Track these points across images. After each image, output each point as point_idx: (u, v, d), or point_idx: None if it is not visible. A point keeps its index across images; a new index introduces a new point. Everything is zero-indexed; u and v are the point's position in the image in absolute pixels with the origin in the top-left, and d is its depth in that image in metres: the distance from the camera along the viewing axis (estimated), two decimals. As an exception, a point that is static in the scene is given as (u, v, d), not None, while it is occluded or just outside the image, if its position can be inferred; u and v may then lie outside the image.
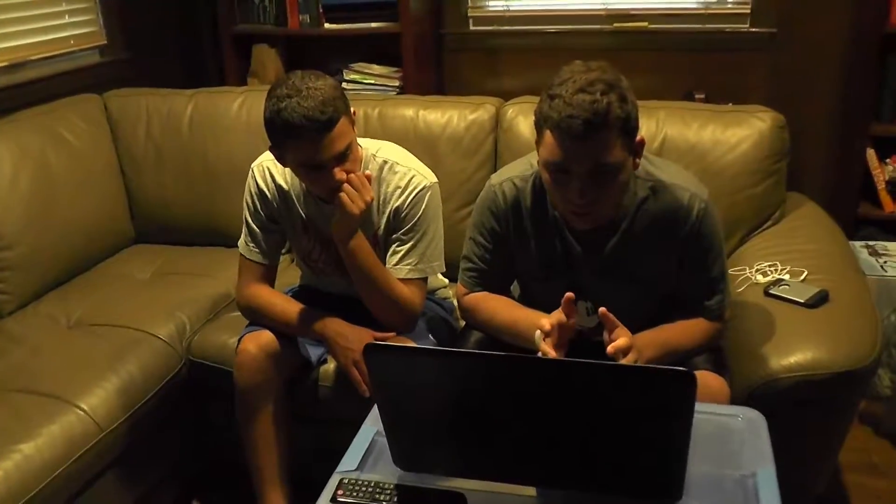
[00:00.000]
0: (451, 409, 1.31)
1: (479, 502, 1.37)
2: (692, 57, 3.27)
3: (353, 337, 2.02)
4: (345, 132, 1.83)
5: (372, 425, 1.56)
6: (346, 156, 1.85)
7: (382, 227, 2.06)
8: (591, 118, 1.50)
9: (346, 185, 1.86)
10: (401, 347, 1.42)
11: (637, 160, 1.67)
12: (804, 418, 1.83)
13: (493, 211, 1.86)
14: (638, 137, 1.64)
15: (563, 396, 1.22)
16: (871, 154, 2.97)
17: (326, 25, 3.37)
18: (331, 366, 2.18)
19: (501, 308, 1.90)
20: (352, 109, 1.90)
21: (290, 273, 2.52)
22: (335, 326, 2.04)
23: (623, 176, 1.62)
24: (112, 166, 2.94)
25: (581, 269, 1.82)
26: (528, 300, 1.95)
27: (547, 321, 1.64)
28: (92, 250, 2.82)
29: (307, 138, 1.79)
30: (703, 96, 3.16)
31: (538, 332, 1.67)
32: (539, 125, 1.62)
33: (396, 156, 2.06)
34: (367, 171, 1.98)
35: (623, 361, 1.58)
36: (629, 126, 1.57)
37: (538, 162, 1.68)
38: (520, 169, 1.86)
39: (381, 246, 2.07)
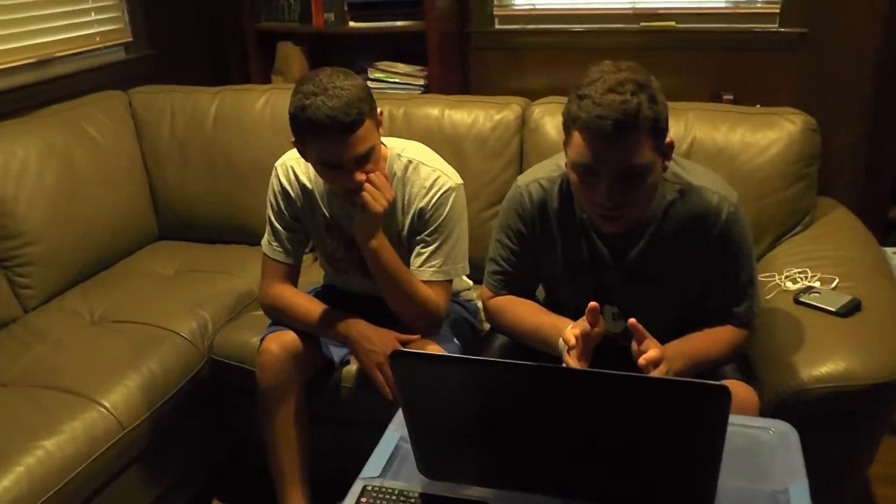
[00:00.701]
0: (476, 417, 1.29)
1: (505, 512, 1.35)
2: (720, 57, 3.23)
3: (377, 339, 2.00)
4: (368, 135, 1.81)
5: (396, 431, 1.55)
6: (367, 158, 1.84)
7: (406, 227, 2.04)
8: (620, 118, 1.48)
9: (367, 184, 1.84)
10: (427, 355, 1.40)
11: (666, 162, 1.64)
12: (835, 430, 1.80)
13: (520, 213, 1.84)
14: (668, 139, 1.61)
15: (591, 408, 1.20)
16: (903, 157, 2.93)
17: (351, 23, 3.35)
18: (353, 367, 2.17)
19: (526, 313, 1.87)
20: (378, 110, 1.88)
21: (312, 272, 2.51)
22: (359, 328, 2.03)
23: (652, 178, 1.59)
24: (136, 163, 2.94)
25: (607, 272, 1.80)
26: (553, 303, 1.92)
27: (571, 333, 1.61)
28: (115, 246, 2.83)
29: (329, 138, 1.78)
30: (731, 97, 3.12)
31: (561, 340, 1.65)
32: (567, 126, 1.59)
33: (422, 156, 2.04)
34: (387, 170, 1.96)
35: (653, 374, 1.55)
36: (659, 127, 1.54)
37: (566, 164, 1.66)
38: (547, 170, 1.84)
39: (405, 247, 2.06)
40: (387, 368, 1.98)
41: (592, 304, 1.58)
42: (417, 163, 2.02)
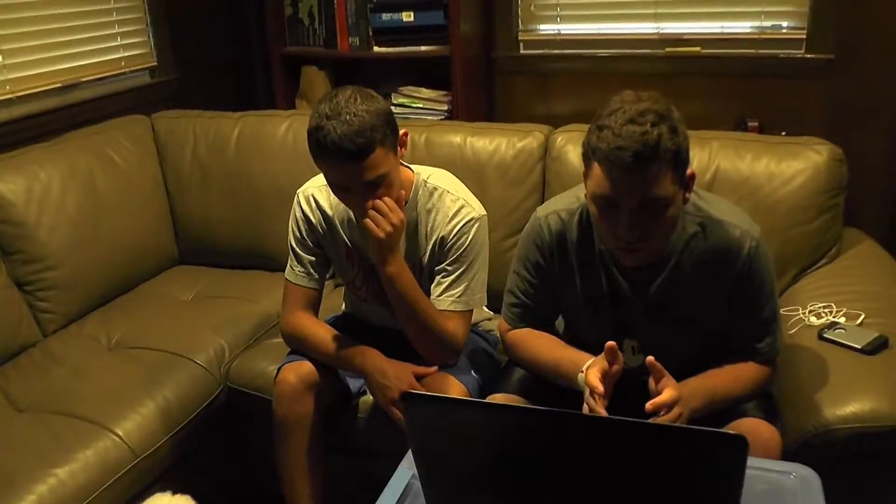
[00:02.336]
0: (488, 460, 1.26)
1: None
2: (746, 83, 3.20)
3: (393, 374, 1.98)
4: (378, 163, 1.79)
5: (408, 468, 1.52)
6: (377, 185, 1.82)
7: (427, 254, 2.03)
8: (641, 150, 1.45)
9: (371, 210, 1.83)
10: (439, 397, 1.38)
11: (687, 194, 1.61)
12: (861, 472, 1.76)
13: (539, 245, 1.82)
14: (689, 170, 1.58)
15: (606, 454, 1.17)
16: (933, 188, 2.88)
17: (376, 48, 3.36)
18: (370, 397, 2.15)
19: (544, 347, 1.85)
20: (402, 131, 1.87)
21: (332, 299, 2.50)
22: (374, 362, 2.01)
23: (673, 210, 1.56)
24: (158, 187, 2.96)
25: (627, 306, 1.77)
26: (572, 335, 1.90)
27: (594, 377, 1.57)
28: (136, 270, 2.84)
29: (336, 163, 1.78)
30: (756, 124, 3.09)
31: (580, 376, 1.62)
32: (587, 157, 1.57)
33: (447, 184, 2.03)
34: (402, 192, 1.94)
35: (668, 416, 1.52)
36: (680, 159, 1.52)
37: (585, 195, 1.63)
38: (566, 202, 1.81)
39: (426, 275, 2.04)
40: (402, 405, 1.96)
41: (610, 343, 1.55)
42: (443, 190, 2.01)
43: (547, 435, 1.19)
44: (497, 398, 1.90)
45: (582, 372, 1.64)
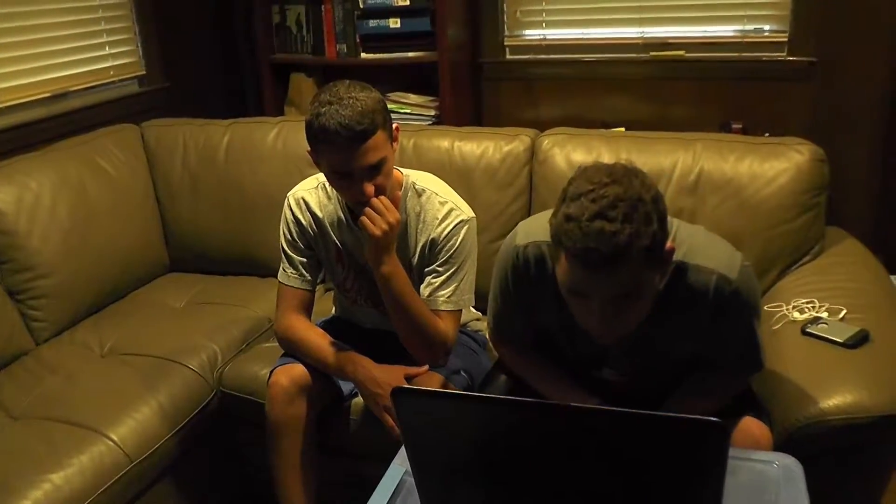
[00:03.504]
0: (480, 453, 1.29)
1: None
2: (729, 86, 3.24)
3: (383, 380, 2.00)
4: (379, 146, 1.83)
5: (400, 465, 1.54)
6: (377, 169, 1.85)
7: (417, 256, 2.06)
8: (610, 253, 1.36)
9: (367, 208, 1.86)
10: (429, 391, 1.40)
11: (665, 272, 1.54)
12: (845, 464, 1.79)
13: (518, 272, 1.75)
14: (668, 245, 1.49)
15: (591, 444, 1.19)
16: (914, 187, 2.92)
17: (363, 55, 3.39)
18: (362, 399, 2.17)
19: (532, 378, 1.86)
20: (394, 125, 1.91)
21: (322, 303, 2.52)
22: (365, 370, 2.03)
23: (649, 294, 1.50)
24: (148, 196, 2.97)
25: (606, 345, 1.70)
26: (552, 351, 1.85)
27: None
28: (127, 278, 2.85)
29: (340, 146, 1.80)
30: (740, 126, 3.12)
31: None
32: (556, 243, 1.46)
33: (436, 187, 2.07)
34: (398, 192, 1.98)
35: None
36: (655, 253, 1.42)
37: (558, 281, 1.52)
38: (546, 229, 1.57)
39: (416, 276, 2.07)
40: (394, 412, 1.98)
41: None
42: (431, 193, 2.04)
43: (533, 425, 1.21)
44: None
45: None
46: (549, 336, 1.83)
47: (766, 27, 3.20)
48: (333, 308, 2.38)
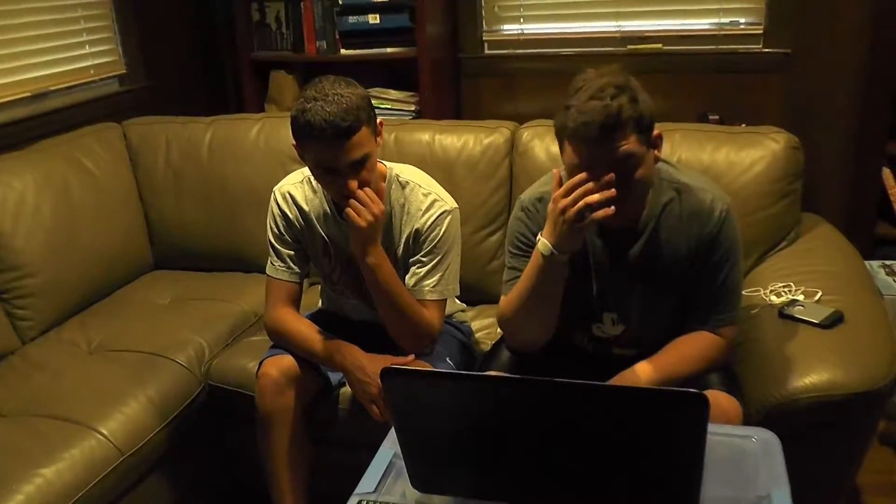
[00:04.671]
0: (467, 431, 1.32)
1: (496, 524, 1.37)
2: (706, 78, 3.29)
3: (371, 370, 2.02)
4: (363, 142, 1.86)
5: (390, 448, 1.57)
6: (362, 164, 1.88)
7: (401, 247, 2.08)
8: (604, 122, 1.57)
9: (352, 200, 1.88)
10: (417, 371, 1.43)
11: (658, 152, 1.72)
12: (821, 440, 1.83)
13: (526, 223, 1.88)
14: (656, 132, 1.69)
15: (575, 418, 1.23)
16: (887, 174, 2.97)
17: (343, 51, 3.41)
18: (349, 389, 2.19)
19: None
20: (378, 120, 1.93)
21: (309, 295, 2.54)
22: (353, 359, 2.05)
23: (644, 170, 1.66)
24: (132, 194, 2.98)
25: (607, 276, 1.84)
26: None
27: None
28: (112, 276, 2.85)
29: (325, 142, 1.83)
30: (717, 118, 3.17)
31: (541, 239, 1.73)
32: (559, 136, 1.69)
33: (417, 178, 2.10)
34: (382, 184, 2.01)
35: None
36: (643, 123, 1.63)
37: (563, 168, 1.72)
38: (547, 185, 1.85)
39: (401, 267, 2.09)
40: (380, 401, 2.02)
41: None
42: (414, 185, 2.07)
43: (519, 402, 1.24)
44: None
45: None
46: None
47: (742, 20, 3.25)
48: (320, 301, 2.41)
